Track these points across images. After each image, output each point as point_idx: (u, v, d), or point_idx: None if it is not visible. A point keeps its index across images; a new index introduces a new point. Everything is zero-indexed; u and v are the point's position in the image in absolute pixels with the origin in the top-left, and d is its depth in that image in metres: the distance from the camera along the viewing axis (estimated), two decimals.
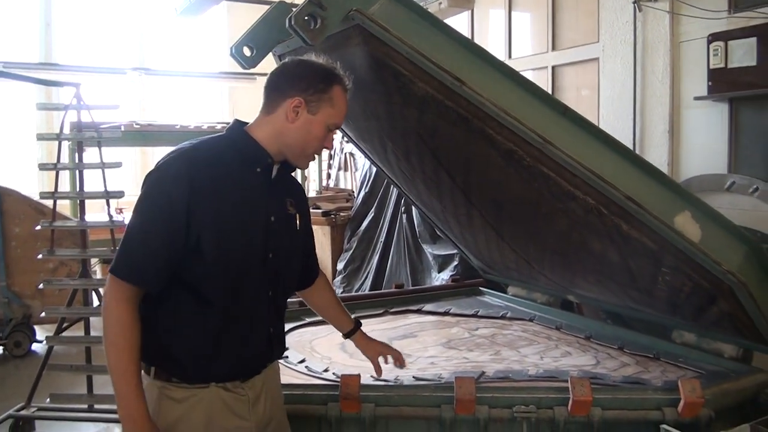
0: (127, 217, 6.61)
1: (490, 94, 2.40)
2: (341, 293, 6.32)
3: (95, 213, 5.34)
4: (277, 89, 2.14)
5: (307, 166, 2.37)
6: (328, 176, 9.99)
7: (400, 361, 2.64)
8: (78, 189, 4.59)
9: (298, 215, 2.24)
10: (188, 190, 1.94)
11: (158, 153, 10.97)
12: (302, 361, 2.91)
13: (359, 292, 6.07)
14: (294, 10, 2.38)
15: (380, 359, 2.64)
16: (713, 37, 4.39)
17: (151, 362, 2.04)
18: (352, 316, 2.68)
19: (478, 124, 2.47)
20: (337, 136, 9.51)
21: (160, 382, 2.03)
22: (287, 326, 3.37)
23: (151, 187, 1.99)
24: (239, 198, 2.04)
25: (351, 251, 6.62)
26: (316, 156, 2.29)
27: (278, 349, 2.23)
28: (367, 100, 2.89)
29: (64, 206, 6.79)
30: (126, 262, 1.96)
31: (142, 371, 2.03)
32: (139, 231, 1.98)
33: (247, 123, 2.18)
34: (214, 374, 2.04)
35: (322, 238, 7.05)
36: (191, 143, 2.08)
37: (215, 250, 1.97)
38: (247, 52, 2.88)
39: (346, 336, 2.67)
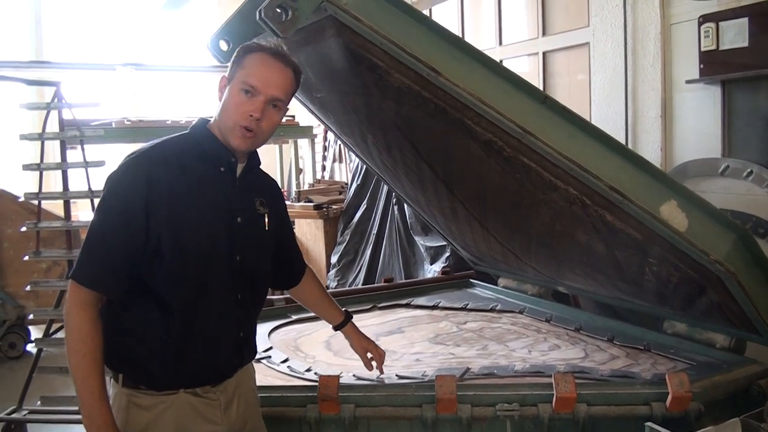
0: None
1: (467, 83, 2.33)
2: (336, 287, 6.28)
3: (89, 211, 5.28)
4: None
5: (242, 146, 2.05)
6: (323, 168, 9.92)
7: (379, 364, 2.60)
8: (63, 189, 4.55)
9: (268, 214, 2.16)
10: (146, 191, 1.89)
11: None
12: (285, 361, 2.86)
13: (352, 287, 6.02)
14: (264, 2, 2.32)
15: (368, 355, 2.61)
16: (704, 19, 4.30)
17: (118, 369, 1.99)
18: (343, 309, 2.63)
19: (456, 115, 2.40)
20: None
21: (127, 389, 1.97)
22: (273, 324, 3.35)
23: (110, 190, 1.95)
24: (200, 198, 1.98)
25: (344, 244, 6.56)
26: (249, 131, 2.03)
27: (248, 353, 2.16)
28: (344, 93, 2.83)
29: (59, 205, 6.75)
30: (86, 267, 1.91)
31: (111, 379, 1.98)
32: (99, 236, 1.93)
33: (209, 120, 2.11)
34: (181, 381, 1.98)
35: (315, 231, 6.99)
36: (153, 143, 2.03)
37: (175, 253, 1.92)
38: (223, 46, 2.83)
39: (336, 328, 2.61)
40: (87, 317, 1.88)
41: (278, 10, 2.30)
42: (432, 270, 5.23)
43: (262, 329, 3.22)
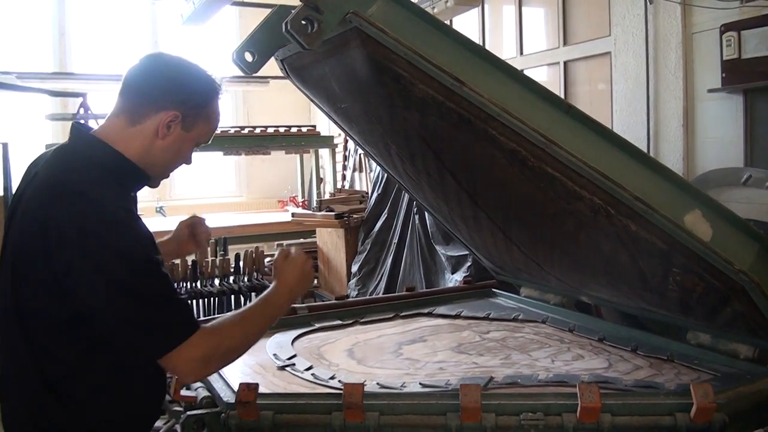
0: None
1: (491, 93, 2.36)
2: (356, 295, 6.29)
3: None
4: (147, 96, 1.88)
5: (158, 185, 2.10)
6: (343, 177, 9.96)
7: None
8: None
9: None
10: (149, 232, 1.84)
11: None
12: (309, 368, 2.87)
13: (373, 296, 6.03)
14: (290, 14, 2.35)
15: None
16: (726, 28, 4.29)
17: None
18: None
19: (480, 125, 2.42)
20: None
21: None
22: (296, 332, 3.37)
23: (128, 252, 1.75)
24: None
25: (365, 253, 6.58)
26: None
27: None
28: (368, 104, 2.86)
29: None
30: (186, 319, 1.85)
31: None
32: (163, 289, 1.82)
33: (92, 130, 1.93)
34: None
35: (336, 240, 7.02)
36: (76, 187, 1.77)
37: None
38: (248, 57, 2.85)
39: None
40: (216, 327, 1.92)
41: (304, 23, 2.34)
42: (453, 279, 5.23)
43: (286, 337, 3.25)
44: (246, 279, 5.61)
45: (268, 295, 2.09)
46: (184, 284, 5.34)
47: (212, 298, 5.37)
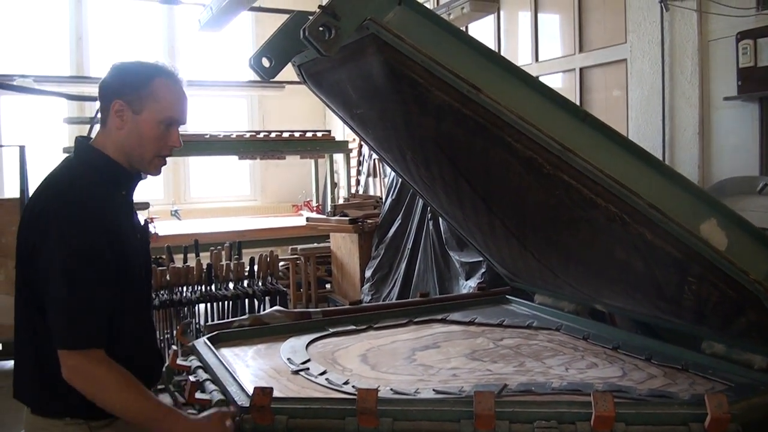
0: (157, 226, 6.55)
1: (508, 101, 2.37)
2: (369, 301, 6.29)
3: None
4: (101, 99, 2.10)
5: (158, 172, 2.23)
6: (358, 182, 9.98)
7: None
8: None
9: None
10: (106, 233, 1.98)
11: (190, 162, 11.10)
12: (323, 373, 2.88)
13: (386, 301, 6.03)
14: (308, 20, 2.37)
15: None
16: (742, 35, 4.28)
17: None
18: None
19: (496, 132, 2.43)
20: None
21: None
22: (311, 336, 3.37)
23: (75, 246, 1.94)
24: (123, 226, 2.08)
25: (378, 258, 6.58)
26: (165, 159, 2.21)
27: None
28: (384, 109, 2.87)
29: None
30: (88, 330, 1.95)
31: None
32: (85, 295, 1.95)
33: (90, 139, 2.16)
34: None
35: (350, 245, 7.03)
36: (71, 178, 2.07)
37: (122, 278, 2.05)
38: (265, 63, 2.89)
39: None
40: (115, 367, 1.97)
41: (321, 29, 2.36)
42: (467, 285, 5.22)
43: (300, 342, 3.26)
44: (260, 283, 5.63)
45: (170, 415, 2.06)
46: (199, 288, 5.37)
47: (227, 302, 5.40)
